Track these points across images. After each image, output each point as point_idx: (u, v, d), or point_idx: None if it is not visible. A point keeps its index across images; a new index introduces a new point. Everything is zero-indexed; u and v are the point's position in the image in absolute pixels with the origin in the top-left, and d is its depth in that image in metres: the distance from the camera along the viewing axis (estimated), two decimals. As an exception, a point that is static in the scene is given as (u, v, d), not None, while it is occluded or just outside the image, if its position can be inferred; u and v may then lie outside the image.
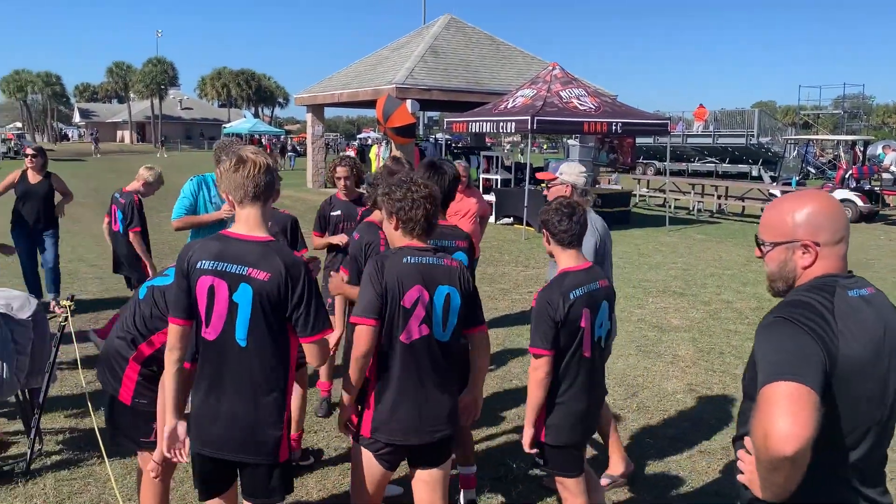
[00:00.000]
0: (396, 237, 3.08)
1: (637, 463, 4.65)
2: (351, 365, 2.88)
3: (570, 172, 4.43)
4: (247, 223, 2.75)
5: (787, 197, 2.04)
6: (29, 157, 8.21)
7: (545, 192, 4.39)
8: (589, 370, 3.34)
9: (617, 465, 4.42)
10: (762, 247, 2.03)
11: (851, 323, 1.83)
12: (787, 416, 1.64)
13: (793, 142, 29.00)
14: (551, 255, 3.48)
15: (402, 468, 3.25)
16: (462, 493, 4.15)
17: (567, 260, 3.37)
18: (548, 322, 3.19)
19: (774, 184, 23.17)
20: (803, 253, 1.94)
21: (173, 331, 2.78)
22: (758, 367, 1.81)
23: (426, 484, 3.08)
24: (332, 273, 4.74)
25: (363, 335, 2.85)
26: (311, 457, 4.68)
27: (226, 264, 2.68)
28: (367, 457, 2.98)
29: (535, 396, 3.25)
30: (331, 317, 3.05)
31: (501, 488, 4.39)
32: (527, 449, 3.35)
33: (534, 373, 3.24)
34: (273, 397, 2.73)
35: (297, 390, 4.37)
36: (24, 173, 8.17)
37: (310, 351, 2.75)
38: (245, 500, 2.87)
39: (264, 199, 2.76)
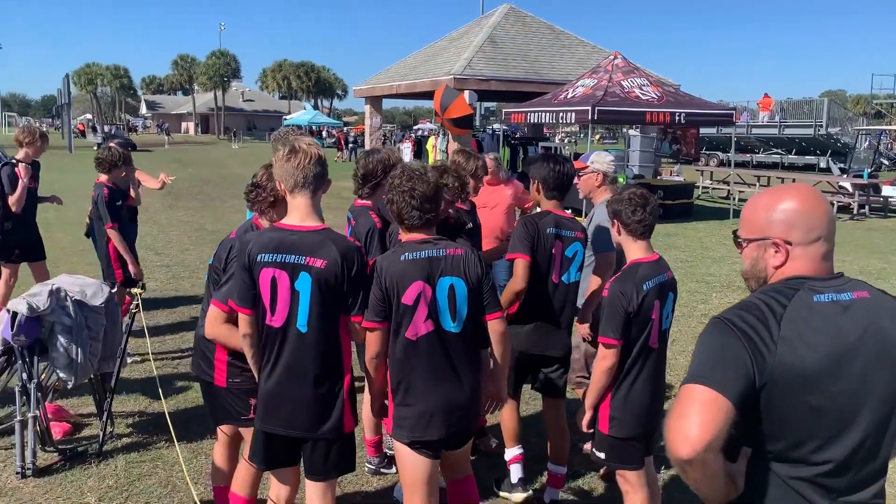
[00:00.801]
0: (401, 231, 3.15)
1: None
2: (367, 366, 3.07)
3: (601, 161, 4.38)
4: (298, 212, 2.85)
5: (766, 191, 1.91)
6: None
7: (576, 182, 4.34)
8: (655, 361, 3.34)
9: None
10: (739, 243, 1.91)
11: (805, 329, 1.69)
12: (689, 420, 1.62)
13: (864, 132, 27.94)
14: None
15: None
16: (547, 490, 4.15)
17: (637, 251, 3.36)
18: (620, 312, 3.19)
19: (844, 176, 22.41)
20: (775, 252, 1.82)
21: (242, 319, 2.92)
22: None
23: (450, 463, 3.26)
24: None
25: (371, 338, 2.95)
26: (394, 465, 4.33)
27: (284, 255, 2.80)
28: (404, 449, 3.03)
29: (599, 384, 3.27)
30: None
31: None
32: (584, 429, 3.39)
33: (601, 362, 3.24)
34: (331, 378, 2.88)
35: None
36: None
37: (354, 327, 2.93)
38: (307, 479, 3.01)
39: (314, 188, 2.85)
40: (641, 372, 3.29)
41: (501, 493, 4.16)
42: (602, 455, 3.41)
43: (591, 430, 3.40)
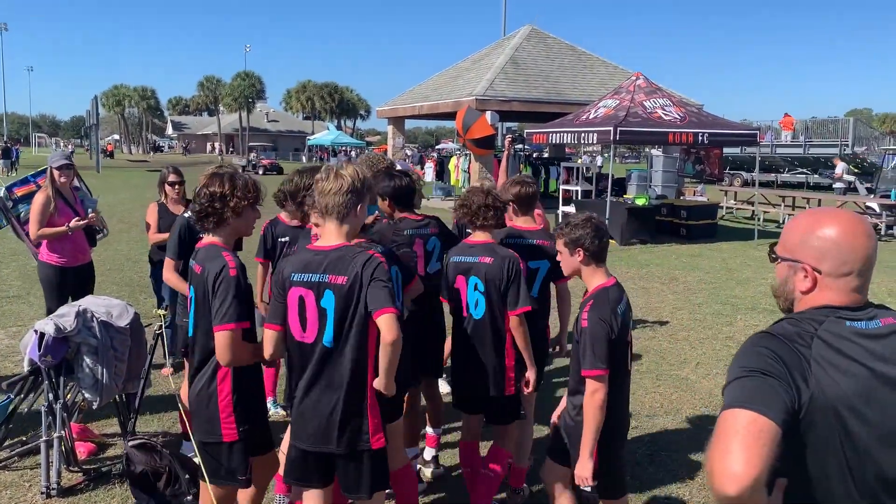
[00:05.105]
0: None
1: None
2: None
3: None
4: (329, 234, 2.99)
5: (811, 212, 1.85)
6: (175, 186, 6.26)
7: None
8: (628, 384, 3.34)
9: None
10: (774, 258, 1.86)
11: (835, 355, 1.65)
12: (737, 453, 1.49)
13: (891, 152, 27.58)
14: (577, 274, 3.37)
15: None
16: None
17: (602, 276, 3.29)
18: (606, 340, 3.09)
19: (871, 196, 22.13)
20: (804, 276, 1.77)
21: (267, 336, 3.05)
22: (724, 390, 1.66)
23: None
24: None
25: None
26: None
27: (310, 275, 2.92)
28: None
29: (597, 423, 3.08)
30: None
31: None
32: (588, 483, 3.12)
33: (594, 396, 3.07)
34: (355, 392, 2.92)
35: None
36: (162, 206, 6.28)
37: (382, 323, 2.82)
38: (346, 496, 3.08)
39: (344, 213, 2.95)
40: (620, 397, 3.24)
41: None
42: (589, 488, 3.15)
43: (595, 482, 3.13)
